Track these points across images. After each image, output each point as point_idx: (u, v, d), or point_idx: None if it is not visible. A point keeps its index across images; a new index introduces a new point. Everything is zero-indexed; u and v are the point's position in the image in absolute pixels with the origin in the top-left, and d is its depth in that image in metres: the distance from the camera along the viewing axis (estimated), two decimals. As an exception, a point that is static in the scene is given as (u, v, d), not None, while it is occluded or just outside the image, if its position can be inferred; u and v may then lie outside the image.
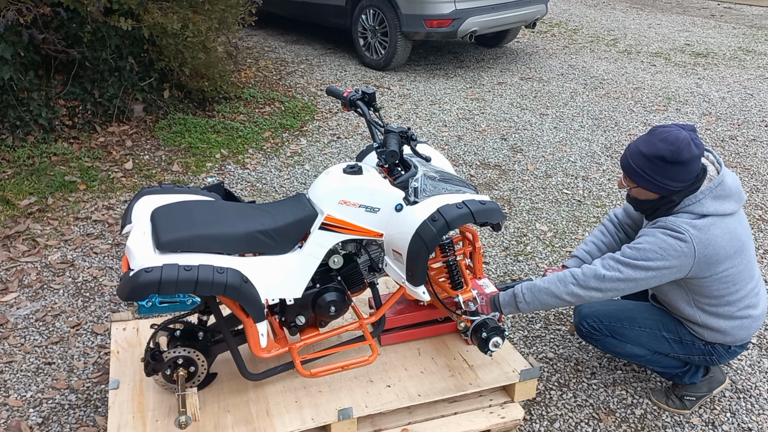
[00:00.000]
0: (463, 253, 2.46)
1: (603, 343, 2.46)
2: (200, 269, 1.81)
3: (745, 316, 2.29)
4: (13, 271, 3.32)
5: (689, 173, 2.15)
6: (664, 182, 2.16)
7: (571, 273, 2.28)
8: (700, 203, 2.17)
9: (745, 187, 4.47)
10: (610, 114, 5.73)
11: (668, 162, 2.13)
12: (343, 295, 2.16)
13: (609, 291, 2.23)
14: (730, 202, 2.19)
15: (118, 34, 4.65)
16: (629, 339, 2.41)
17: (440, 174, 2.18)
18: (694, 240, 2.13)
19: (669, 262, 2.15)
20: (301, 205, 2.12)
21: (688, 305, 2.31)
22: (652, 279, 2.19)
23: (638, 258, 2.18)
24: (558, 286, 2.27)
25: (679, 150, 2.11)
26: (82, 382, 2.64)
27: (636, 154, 2.20)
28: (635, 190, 2.27)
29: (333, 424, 2.09)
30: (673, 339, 2.39)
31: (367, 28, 6.71)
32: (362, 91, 2.31)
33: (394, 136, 2.11)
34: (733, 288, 2.24)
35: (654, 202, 2.25)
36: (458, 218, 1.98)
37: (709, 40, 8.49)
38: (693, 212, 2.17)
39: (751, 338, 2.39)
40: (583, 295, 2.25)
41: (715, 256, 2.16)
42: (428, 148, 2.38)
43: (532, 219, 3.98)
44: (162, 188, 2.18)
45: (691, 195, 2.18)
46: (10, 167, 4.21)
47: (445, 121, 5.50)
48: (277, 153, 4.79)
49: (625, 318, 2.42)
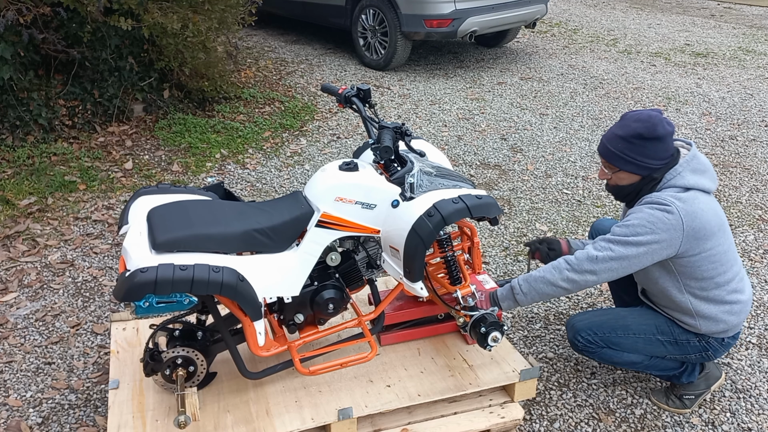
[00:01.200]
0: (462, 248, 2.46)
1: (600, 355, 2.44)
2: (196, 268, 1.81)
3: (734, 301, 2.32)
4: (13, 271, 3.32)
5: (665, 150, 2.23)
6: (645, 161, 2.23)
7: (564, 259, 2.29)
8: (680, 176, 2.22)
9: (745, 186, 4.47)
10: (610, 114, 5.73)
11: (646, 139, 2.20)
12: (341, 292, 2.16)
13: (603, 272, 2.24)
14: (706, 178, 2.25)
15: (118, 34, 4.65)
16: (626, 347, 2.40)
17: (437, 169, 2.17)
18: (681, 212, 2.16)
19: (659, 236, 2.16)
20: (297, 203, 2.11)
21: (678, 291, 2.31)
22: (643, 256, 2.20)
23: (628, 234, 2.20)
24: (553, 274, 2.28)
25: (654, 126, 2.19)
26: (82, 382, 2.64)
27: (613, 139, 2.27)
28: (617, 176, 2.32)
29: (333, 424, 2.09)
30: (668, 341, 2.39)
31: (367, 28, 6.72)
32: (357, 88, 2.30)
33: (388, 132, 2.09)
34: (721, 269, 2.27)
35: (636, 185, 2.30)
36: (454, 213, 1.98)
37: (709, 40, 8.49)
38: (676, 185, 2.22)
39: (741, 326, 2.40)
40: (578, 279, 2.26)
41: (702, 230, 2.18)
42: (424, 143, 2.38)
43: (532, 219, 3.98)
44: (158, 188, 2.18)
45: (671, 170, 2.24)
46: (10, 167, 4.21)
47: (445, 121, 5.50)
48: (277, 153, 4.79)
49: (620, 327, 2.41)
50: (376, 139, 2.14)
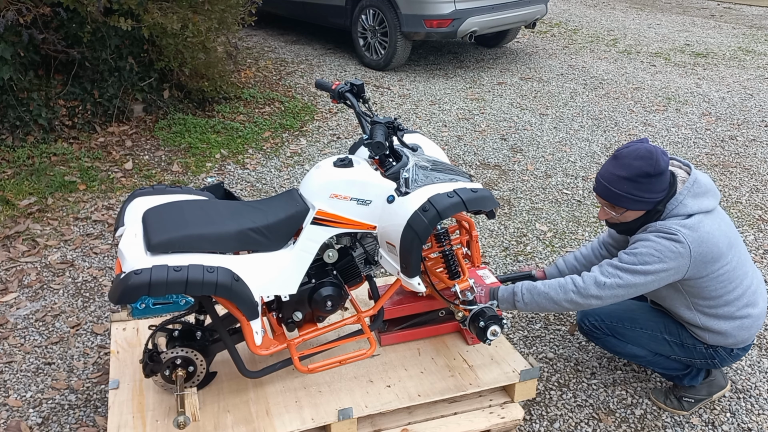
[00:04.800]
0: (460, 242, 2.45)
1: (603, 342, 2.47)
2: (190, 269, 1.81)
3: (745, 316, 2.29)
4: (13, 271, 3.32)
5: (666, 180, 2.21)
6: (650, 197, 2.20)
7: (571, 280, 2.28)
8: (682, 204, 2.20)
9: (745, 187, 4.47)
10: (610, 114, 5.73)
11: (652, 176, 2.17)
12: (339, 289, 2.15)
13: (608, 298, 2.23)
14: (708, 198, 2.23)
15: (117, 34, 4.65)
16: (630, 339, 2.41)
17: (432, 163, 2.15)
18: (688, 239, 2.14)
19: (667, 264, 2.15)
20: (292, 201, 2.10)
21: (687, 309, 2.31)
22: (651, 283, 2.19)
23: (636, 263, 2.18)
24: (558, 293, 2.27)
25: (657, 161, 2.16)
26: (81, 382, 2.64)
27: (616, 181, 2.22)
28: (623, 215, 2.28)
29: (333, 424, 2.09)
30: (674, 342, 2.39)
31: (367, 28, 6.71)
32: (350, 83, 2.29)
33: (380, 127, 2.07)
34: (730, 286, 2.24)
35: (641, 219, 2.28)
36: (449, 207, 1.97)
37: (708, 40, 8.49)
38: (679, 214, 2.20)
39: (753, 339, 2.38)
40: (582, 302, 2.25)
41: (709, 253, 2.16)
42: (419, 137, 2.36)
43: (532, 219, 3.98)
44: (154, 189, 2.17)
45: (672, 199, 2.22)
46: (10, 167, 4.21)
47: (445, 121, 5.50)
48: (277, 153, 4.79)
49: (627, 318, 2.42)
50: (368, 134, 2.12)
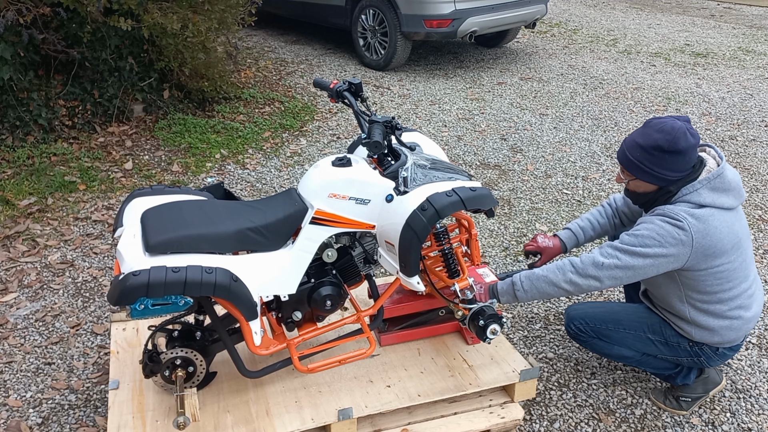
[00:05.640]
0: (460, 240, 2.45)
1: (591, 345, 2.47)
2: (188, 270, 1.80)
3: (735, 317, 2.28)
4: (12, 271, 3.32)
5: (686, 163, 2.16)
6: (662, 173, 2.17)
7: (569, 261, 2.27)
8: (697, 193, 2.17)
9: (744, 187, 4.46)
10: (610, 114, 5.73)
11: (666, 152, 2.14)
12: (339, 288, 2.15)
13: (607, 279, 2.22)
14: (729, 197, 2.19)
15: (117, 35, 4.65)
16: (616, 341, 2.41)
17: (431, 162, 2.15)
18: (692, 229, 2.12)
19: (667, 250, 2.14)
20: (291, 201, 2.10)
21: (679, 301, 2.30)
22: (649, 267, 2.18)
23: (636, 245, 2.17)
24: (556, 275, 2.27)
25: (676, 139, 2.13)
26: (81, 383, 2.64)
27: (633, 147, 2.22)
28: (633, 183, 2.28)
29: (333, 424, 2.09)
30: (658, 341, 2.39)
31: (367, 29, 6.72)
32: (348, 82, 2.29)
33: (378, 126, 2.06)
34: (727, 285, 2.24)
35: (652, 194, 2.26)
36: (448, 206, 1.96)
37: (708, 40, 8.49)
38: (690, 201, 2.18)
39: (740, 341, 2.38)
40: (582, 283, 2.24)
41: (712, 248, 2.15)
42: (418, 135, 2.36)
43: (532, 219, 3.98)
44: (153, 190, 2.17)
45: (689, 185, 2.19)
46: (10, 167, 4.21)
47: (445, 121, 5.50)
48: (277, 153, 4.79)
49: (611, 320, 2.42)
50: (367, 133, 2.11)
